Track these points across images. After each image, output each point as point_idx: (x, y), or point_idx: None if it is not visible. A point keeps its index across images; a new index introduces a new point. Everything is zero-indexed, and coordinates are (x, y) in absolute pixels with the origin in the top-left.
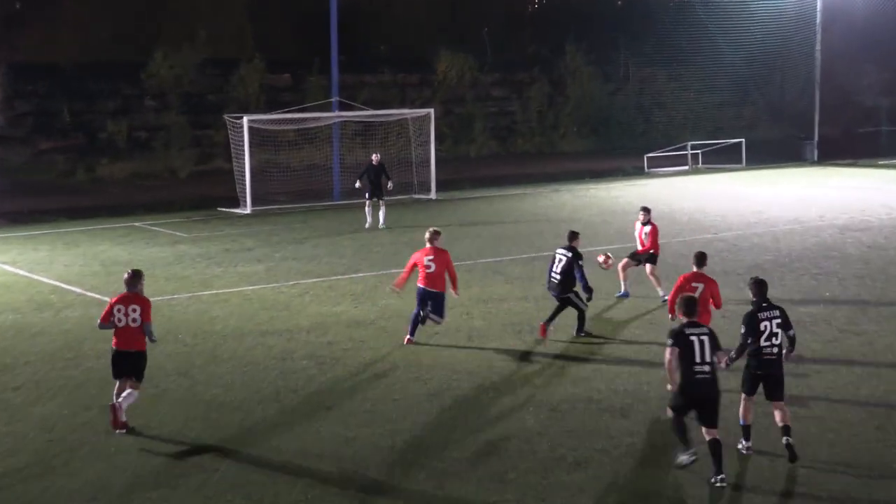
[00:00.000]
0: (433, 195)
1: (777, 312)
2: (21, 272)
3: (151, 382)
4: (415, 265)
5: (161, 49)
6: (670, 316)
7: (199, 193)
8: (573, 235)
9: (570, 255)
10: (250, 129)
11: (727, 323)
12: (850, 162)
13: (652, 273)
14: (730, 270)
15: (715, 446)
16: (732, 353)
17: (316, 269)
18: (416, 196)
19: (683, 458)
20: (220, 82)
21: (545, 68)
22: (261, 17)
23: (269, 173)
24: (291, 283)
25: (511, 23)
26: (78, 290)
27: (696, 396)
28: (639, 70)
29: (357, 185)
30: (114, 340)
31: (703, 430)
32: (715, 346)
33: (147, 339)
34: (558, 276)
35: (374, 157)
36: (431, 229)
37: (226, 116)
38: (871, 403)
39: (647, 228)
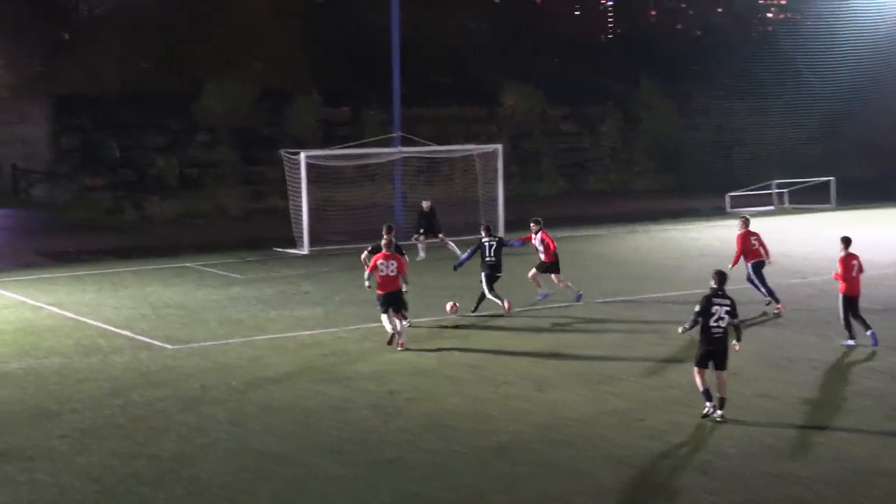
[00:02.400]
0: (501, 236)
1: (727, 301)
2: (68, 314)
3: (202, 431)
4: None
5: (213, 81)
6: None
7: (252, 233)
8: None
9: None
10: (307, 164)
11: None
12: None
13: (559, 280)
14: (817, 319)
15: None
16: (687, 325)
17: (376, 313)
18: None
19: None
20: (274, 116)
21: (618, 102)
22: (317, 48)
23: (326, 212)
24: (351, 327)
25: (582, 53)
26: (127, 333)
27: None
28: (718, 104)
29: (416, 238)
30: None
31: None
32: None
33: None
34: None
35: (425, 204)
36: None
37: (282, 152)
38: None
39: (538, 237)
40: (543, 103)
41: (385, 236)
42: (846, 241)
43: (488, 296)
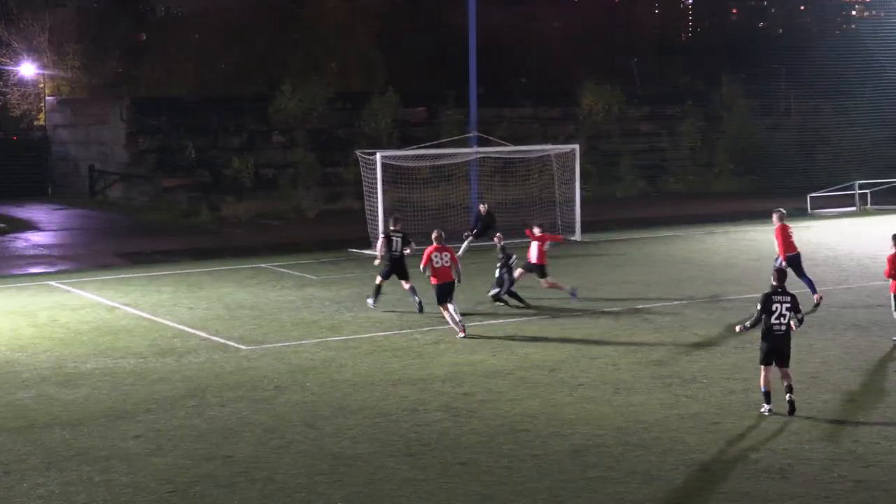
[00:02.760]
0: (578, 237)
1: (788, 298)
2: (143, 315)
3: (276, 433)
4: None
5: (289, 82)
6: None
7: (328, 234)
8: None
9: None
10: (383, 165)
11: None
12: None
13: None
14: None
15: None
16: (747, 324)
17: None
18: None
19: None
20: (350, 117)
21: (698, 101)
22: (393, 48)
23: (402, 213)
24: (425, 329)
25: (662, 52)
26: (202, 334)
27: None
28: (801, 103)
29: (466, 236)
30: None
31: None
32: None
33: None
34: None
35: (483, 207)
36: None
37: (358, 152)
38: None
39: (536, 243)
40: (622, 103)
41: (435, 232)
42: None
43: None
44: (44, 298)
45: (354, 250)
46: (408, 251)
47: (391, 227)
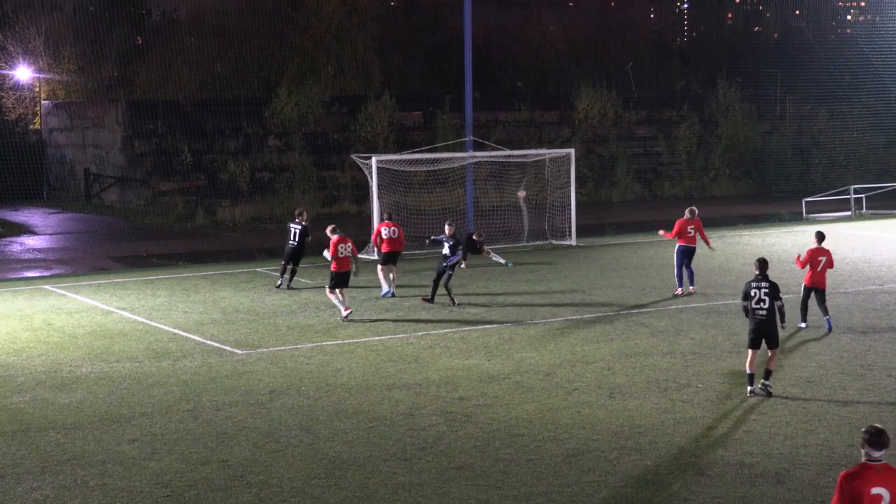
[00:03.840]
0: (573, 241)
1: (766, 284)
2: (139, 319)
3: (272, 437)
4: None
5: (285, 86)
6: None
7: (324, 237)
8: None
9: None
10: (378, 169)
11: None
12: None
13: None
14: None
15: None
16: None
17: (447, 318)
18: (555, 242)
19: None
20: (346, 120)
21: (695, 106)
22: (389, 53)
23: (398, 217)
24: (420, 333)
25: (658, 57)
26: (197, 338)
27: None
28: (797, 108)
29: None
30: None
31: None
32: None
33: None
34: None
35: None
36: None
37: (353, 156)
38: None
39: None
40: (618, 107)
41: (330, 230)
42: (820, 237)
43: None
44: (39, 302)
45: None
46: (309, 238)
47: (296, 218)
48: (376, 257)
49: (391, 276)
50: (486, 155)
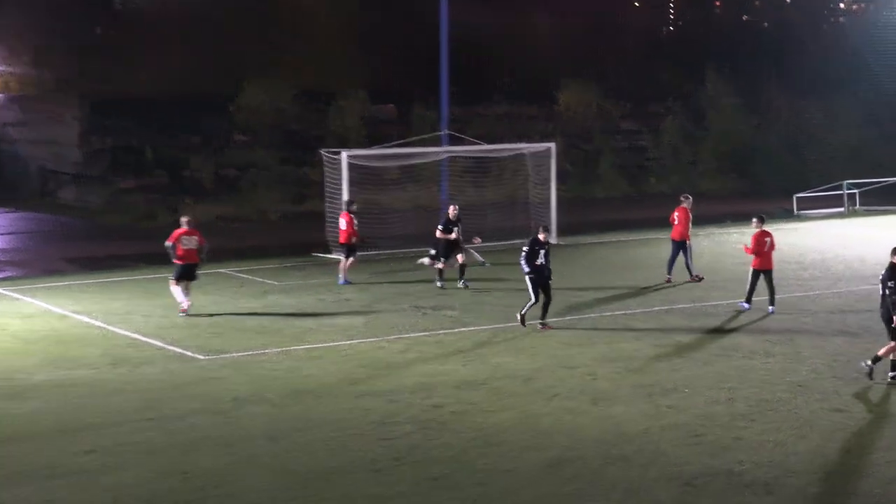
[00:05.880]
0: (554, 240)
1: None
2: (96, 323)
3: (237, 448)
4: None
5: (252, 79)
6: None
7: (292, 238)
8: None
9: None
10: (350, 165)
11: None
12: None
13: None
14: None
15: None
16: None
17: (421, 322)
18: None
19: None
20: (316, 115)
21: (682, 99)
22: (362, 44)
23: (370, 215)
24: (393, 337)
25: (644, 48)
26: (158, 343)
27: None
28: (788, 101)
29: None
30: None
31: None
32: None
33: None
34: None
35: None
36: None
37: (322, 151)
38: None
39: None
40: (601, 100)
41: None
42: (760, 219)
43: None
44: None
45: (320, 254)
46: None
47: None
48: (346, 256)
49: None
50: (463, 150)
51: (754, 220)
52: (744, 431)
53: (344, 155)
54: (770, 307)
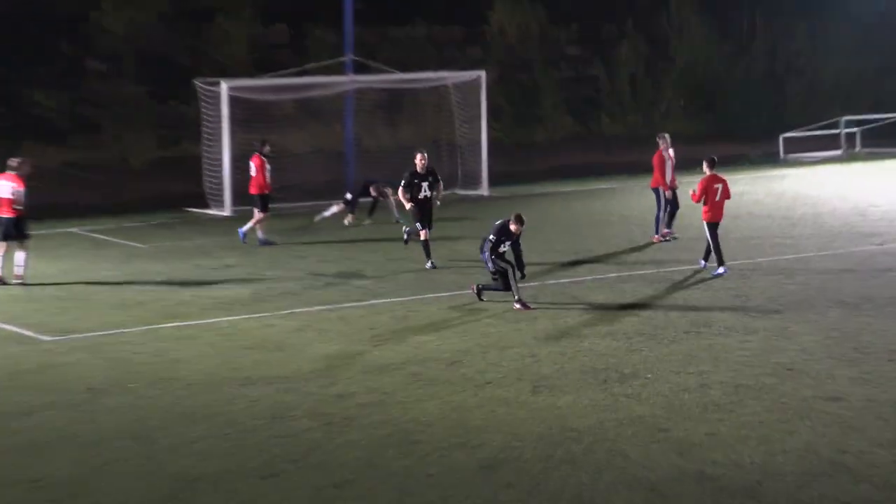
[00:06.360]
0: (485, 191)
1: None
2: None
3: (97, 449)
4: None
5: None
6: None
7: (161, 189)
8: None
9: None
10: (232, 99)
11: None
12: None
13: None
14: None
15: None
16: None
17: (322, 293)
18: (462, 192)
19: None
20: (192, 39)
21: (640, 22)
22: None
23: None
24: (286, 312)
25: None
26: None
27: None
28: (769, 24)
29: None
30: None
31: None
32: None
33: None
34: None
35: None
36: None
37: (197, 82)
38: None
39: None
40: (543, 22)
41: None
42: (711, 162)
43: None
44: None
45: (195, 210)
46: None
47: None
48: (260, 209)
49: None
50: (371, 79)
51: (704, 162)
52: (719, 425)
53: (224, 86)
54: (702, 261)
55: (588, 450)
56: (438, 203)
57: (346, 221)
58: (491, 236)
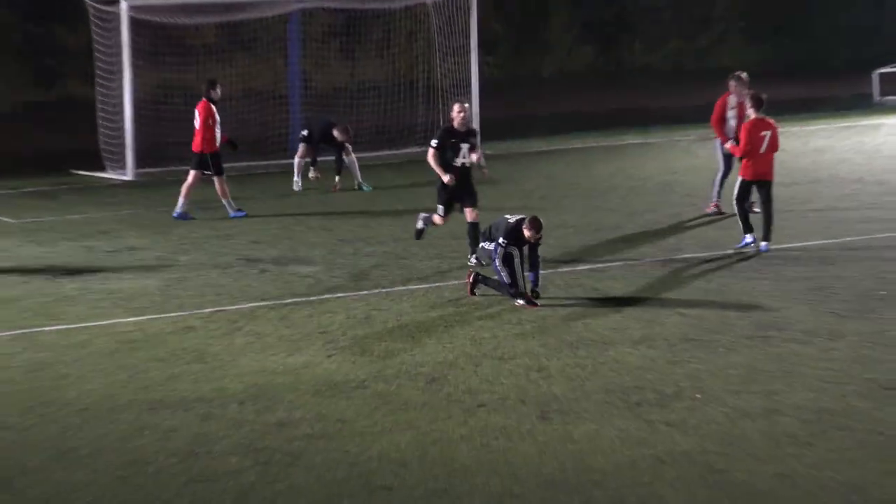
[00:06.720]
0: (477, 151)
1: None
2: None
3: None
4: None
5: None
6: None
7: (38, 145)
8: None
9: None
10: (134, 23)
11: None
12: None
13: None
14: None
15: None
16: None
17: (256, 285)
18: None
19: None
20: None
21: None
22: None
23: (169, 109)
24: (209, 310)
25: None
26: None
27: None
28: None
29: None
30: None
31: None
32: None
33: None
34: None
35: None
36: None
37: (88, 1)
38: None
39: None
40: None
41: None
42: (757, 102)
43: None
44: None
45: (83, 172)
46: None
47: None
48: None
49: None
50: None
51: (749, 103)
52: (794, 464)
53: (124, 5)
54: (763, 244)
55: (616, 499)
56: (486, 172)
57: (310, 175)
58: (501, 239)
